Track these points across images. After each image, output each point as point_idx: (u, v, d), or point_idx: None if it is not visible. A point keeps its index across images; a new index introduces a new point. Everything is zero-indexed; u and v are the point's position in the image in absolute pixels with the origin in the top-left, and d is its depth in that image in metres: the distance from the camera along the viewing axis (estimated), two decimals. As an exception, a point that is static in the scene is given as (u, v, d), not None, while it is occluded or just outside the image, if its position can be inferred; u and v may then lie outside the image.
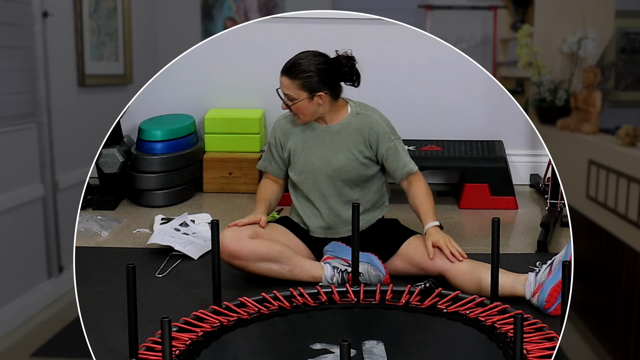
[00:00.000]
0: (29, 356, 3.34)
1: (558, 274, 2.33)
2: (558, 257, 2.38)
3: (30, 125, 3.85)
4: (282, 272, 2.56)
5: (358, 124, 2.65)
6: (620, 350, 3.11)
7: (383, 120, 2.67)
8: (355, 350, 2.11)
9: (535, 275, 2.40)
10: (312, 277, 2.55)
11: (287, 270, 2.56)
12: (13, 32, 3.71)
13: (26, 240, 3.80)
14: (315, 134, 2.66)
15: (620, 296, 3.11)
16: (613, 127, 3.84)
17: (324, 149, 2.65)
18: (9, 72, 3.66)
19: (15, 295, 3.69)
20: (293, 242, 2.67)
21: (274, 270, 2.56)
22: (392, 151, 2.63)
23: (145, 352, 2.08)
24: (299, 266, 2.57)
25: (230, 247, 2.52)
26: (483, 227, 3.21)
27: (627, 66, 5.70)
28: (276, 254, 2.55)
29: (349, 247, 2.53)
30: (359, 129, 2.64)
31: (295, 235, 2.69)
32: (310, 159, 2.66)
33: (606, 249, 3.31)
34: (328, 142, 2.65)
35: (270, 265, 2.55)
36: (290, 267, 2.56)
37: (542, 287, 2.36)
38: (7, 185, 3.62)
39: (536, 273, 2.41)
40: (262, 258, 2.54)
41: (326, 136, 2.65)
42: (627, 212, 3.03)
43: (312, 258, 2.66)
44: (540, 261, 2.48)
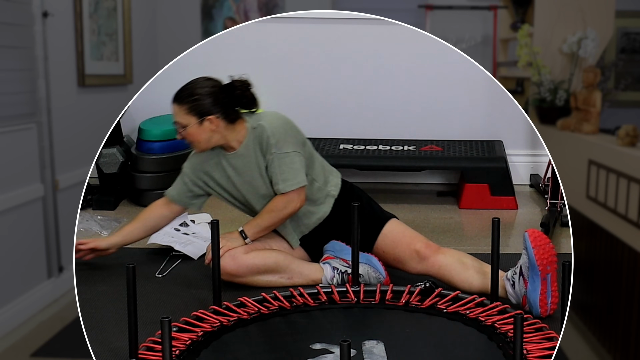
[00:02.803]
0: (29, 356, 3.34)
1: (536, 282, 2.31)
2: (523, 264, 2.36)
3: (30, 125, 3.85)
4: (281, 281, 2.55)
5: (254, 139, 2.54)
6: (620, 350, 3.11)
7: (274, 128, 2.52)
8: (355, 350, 2.11)
9: (512, 288, 2.37)
10: (312, 281, 2.55)
11: (287, 279, 2.55)
12: (13, 32, 3.71)
13: (26, 240, 3.80)
14: (227, 162, 2.58)
15: (620, 296, 3.11)
16: (613, 127, 3.83)
17: (240, 175, 2.57)
18: (9, 72, 3.66)
19: (15, 295, 3.69)
20: (286, 246, 2.65)
21: (272, 281, 2.55)
22: (269, 164, 2.53)
23: (145, 352, 2.08)
24: (297, 273, 2.56)
25: (227, 267, 2.50)
26: (483, 227, 3.21)
27: (627, 66, 5.70)
28: (273, 264, 2.54)
29: (349, 246, 2.53)
30: (257, 144, 2.54)
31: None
32: (231, 190, 2.60)
33: (606, 249, 3.31)
34: (240, 167, 2.57)
35: (269, 277, 2.54)
36: (289, 274, 2.55)
37: (528, 299, 2.32)
38: (7, 185, 3.62)
39: (512, 285, 2.38)
40: (259, 271, 2.53)
41: (237, 162, 2.56)
42: (627, 212, 3.03)
43: (307, 257, 2.66)
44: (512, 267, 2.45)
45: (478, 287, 2.45)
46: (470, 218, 3.36)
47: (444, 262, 2.51)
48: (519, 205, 3.47)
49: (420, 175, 3.89)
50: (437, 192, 3.75)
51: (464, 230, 3.20)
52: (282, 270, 2.55)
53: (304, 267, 2.57)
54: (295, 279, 2.55)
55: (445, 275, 2.50)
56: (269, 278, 2.54)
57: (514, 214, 3.40)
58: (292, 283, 2.54)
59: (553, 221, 3.06)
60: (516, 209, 3.45)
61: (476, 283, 2.46)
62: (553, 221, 3.06)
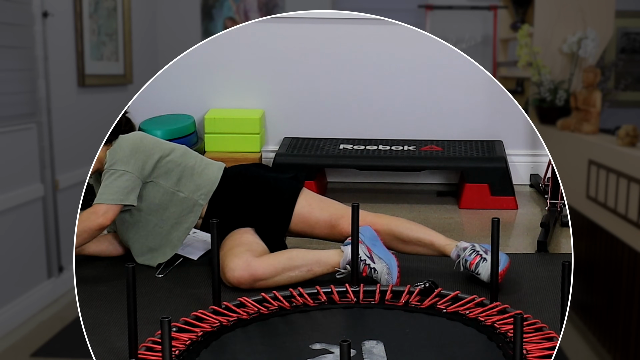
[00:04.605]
0: (29, 356, 3.34)
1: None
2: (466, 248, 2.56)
3: (30, 125, 3.85)
4: (302, 275, 2.53)
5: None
6: (620, 350, 3.11)
7: (114, 148, 2.65)
8: (355, 350, 2.11)
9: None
10: (331, 267, 2.53)
11: (307, 271, 2.53)
12: (13, 32, 3.71)
13: (26, 240, 3.80)
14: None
15: (620, 296, 3.11)
16: (613, 127, 3.84)
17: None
18: (9, 72, 3.66)
19: (15, 295, 3.69)
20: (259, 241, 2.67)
21: (294, 276, 2.52)
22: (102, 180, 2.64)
23: (145, 352, 2.08)
24: (315, 262, 2.53)
25: (245, 272, 2.49)
26: (483, 227, 3.21)
27: (627, 66, 5.70)
28: (286, 260, 2.53)
29: (379, 239, 2.58)
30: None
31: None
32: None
33: (606, 249, 3.31)
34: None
35: (289, 273, 2.52)
36: (307, 266, 2.53)
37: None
38: (7, 185, 3.62)
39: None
40: (276, 271, 2.51)
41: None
42: (627, 212, 3.03)
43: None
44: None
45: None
46: (470, 218, 3.36)
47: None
48: (519, 205, 3.47)
49: (420, 175, 3.90)
50: (437, 192, 3.75)
51: (464, 230, 3.20)
52: (299, 263, 2.53)
53: (320, 254, 2.55)
54: (315, 269, 2.53)
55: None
56: (289, 274, 2.52)
57: (514, 214, 3.40)
58: (313, 274, 2.53)
59: (553, 221, 3.06)
60: (516, 209, 3.45)
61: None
62: (553, 221, 3.06)
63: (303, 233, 2.73)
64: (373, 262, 2.50)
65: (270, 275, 2.51)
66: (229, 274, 2.50)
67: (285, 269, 2.52)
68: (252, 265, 2.50)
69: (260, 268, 2.50)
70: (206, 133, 3.74)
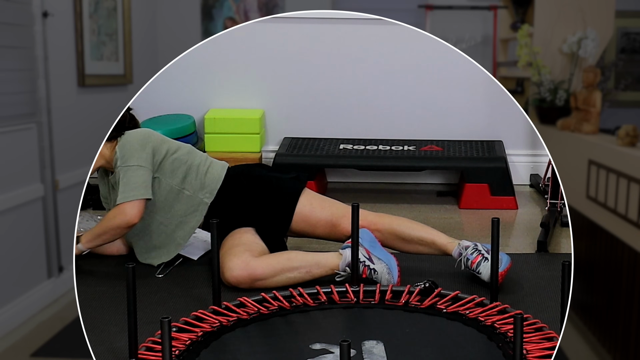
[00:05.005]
0: (29, 356, 3.34)
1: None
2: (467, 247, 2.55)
3: (30, 125, 3.85)
4: (301, 276, 2.52)
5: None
6: (620, 350, 3.11)
7: (123, 144, 2.64)
8: (355, 350, 2.11)
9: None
10: (330, 270, 2.53)
11: (305, 272, 2.52)
12: (13, 32, 3.71)
13: (26, 240, 3.80)
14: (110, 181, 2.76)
15: (620, 296, 3.11)
16: (613, 127, 3.83)
17: (115, 192, 2.69)
18: (9, 72, 3.66)
19: (15, 295, 3.69)
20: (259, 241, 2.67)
21: (292, 277, 2.52)
22: (117, 177, 2.62)
23: (145, 352, 2.08)
24: (314, 264, 2.53)
25: (244, 272, 2.49)
26: (483, 227, 3.21)
27: (627, 66, 5.70)
28: (285, 261, 2.53)
29: (377, 240, 2.58)
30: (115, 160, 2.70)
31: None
32: (112, 206, 2.72)
33: (606, 249, 3.31)
34: (115, 184, 2.71)
35: (288, 274, 2.52)
36: (306, 267, 2.53)
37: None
38: (7, 185, 3.62)
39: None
40: (275, 271, 2.51)
41: (112, 179, 2.74)
42: (627, 212, 3.03)
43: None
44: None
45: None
46: (470, 218, 3.36)
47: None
48: (519, 205, 3.47)
49: (420, 175, 3.90)
50: (437, 192, 3.75)
51: (464, 230, 3.20)
52: (298, 264, 2.52)
53: (319, 256, 2.54)
54: (314, 271, 2.53)
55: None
56: (287, 275, 2.51)
57: (514, 214, 3.40)
58: (312, 276, 2.52)
59: (553, 221, 3.06)
60: (516, 209, 3.45)
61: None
62: (553, 221, 3.06)
63: (304, 233, 2.73)
64: (372, 263, 2.50)
65: (269, 275, 2.50)
66: (227, 273, 2.50)
67: (284, 269, 2.52)
68: (251, 265, 2.50)
69: (259, 268, 2.50)
70: (206, 133, 3.74)
